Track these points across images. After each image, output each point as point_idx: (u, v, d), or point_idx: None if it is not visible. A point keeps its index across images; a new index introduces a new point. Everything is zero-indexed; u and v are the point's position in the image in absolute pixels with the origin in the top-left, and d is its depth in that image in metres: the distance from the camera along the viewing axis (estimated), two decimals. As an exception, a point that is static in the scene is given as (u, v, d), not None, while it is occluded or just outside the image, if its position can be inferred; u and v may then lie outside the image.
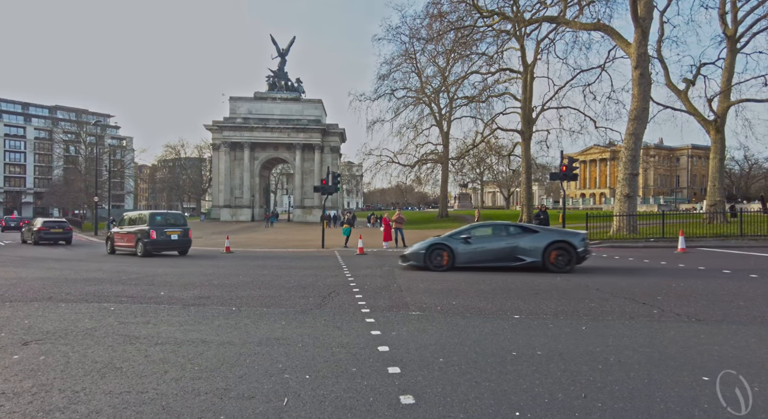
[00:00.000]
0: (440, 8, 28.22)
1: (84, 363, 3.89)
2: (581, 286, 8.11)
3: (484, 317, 5.70)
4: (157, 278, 9.90)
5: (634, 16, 19.84)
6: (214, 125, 49.72)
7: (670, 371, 3.60)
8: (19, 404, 3.03)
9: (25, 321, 5.64)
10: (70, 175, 68.50)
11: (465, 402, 3.01)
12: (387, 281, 8.97)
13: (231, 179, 49.49)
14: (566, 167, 18.62)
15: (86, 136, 62.59)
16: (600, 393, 3.16)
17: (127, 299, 7.13)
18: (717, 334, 4.76)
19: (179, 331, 5.05)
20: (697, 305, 6.25)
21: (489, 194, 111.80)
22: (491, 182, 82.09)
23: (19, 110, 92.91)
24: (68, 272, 11.28)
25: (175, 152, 79.39)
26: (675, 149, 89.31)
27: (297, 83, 52.43)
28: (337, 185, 20.89)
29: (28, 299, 7.20)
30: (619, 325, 5.20)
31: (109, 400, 3.08)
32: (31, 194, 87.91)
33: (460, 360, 3.92)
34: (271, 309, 6.29)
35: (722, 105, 27.14)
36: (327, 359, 3.98)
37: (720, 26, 27.31)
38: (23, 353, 4.23)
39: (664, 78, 28.39)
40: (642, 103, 20.14)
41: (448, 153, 43.61)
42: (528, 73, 34.18)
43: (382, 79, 40.81)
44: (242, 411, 2.89)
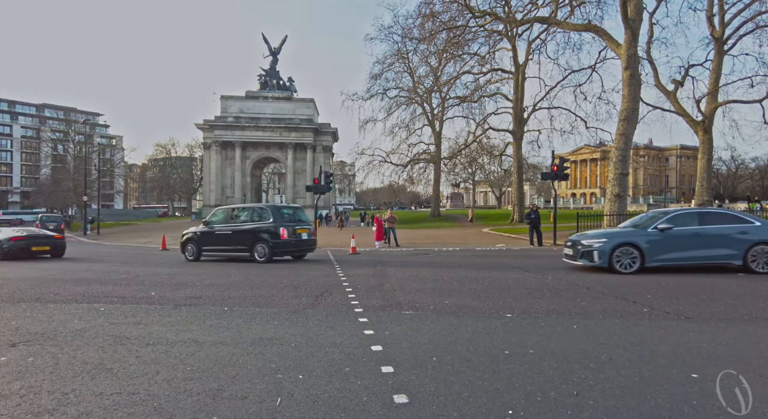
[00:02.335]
0: (432, 8, 28.28)
1: (74, 365, 3.84)
2: (572, 285, 8.18)
3: (477, 316, 5.73)
4: (148, 278, 9.80)
5: (624, 17, 20.03)
6: (205, 124, 49.33)
7: (660, 369, 3.65)
8: (6, 406, 2.98)
9: (13, 322, 5.56)
10: (58, 174, 67.57)
11: (458, 401, 3.02)
12: (380, 281, 8.97)
13: (222, 179, 49.17)
14: (557, 167, 18.76)
15: (75, 135, 61.76)
16: (592, 390, 3.19)
17: (117, 300, 7.05)
18: (705, 332, 4.83)
19: (171, 331, 5.01)
20: (686, 304, 6.33)
21: (481, 193, 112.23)
22: (483, 181, 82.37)
23: (5, 108, 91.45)
24: (56, 272, 11.13)
25: (165, 151, 78.64)
26: (664, 149, 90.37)
27: (289, 82, 52.23)
28: (329, 185, 20.85)
29: (16, 300, 7.08)
30: (610, 324, 5.25)
31: (99, 402, 3.05)
32: (18, 194, 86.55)
33: (453, 358, 3.93)
34: (264, 309, 6.26)
35: (710, 106, 27.52)
36: (320, 359, 3.97)
37: (708, 28, 27.68)
38: (11, 355, 4.17)
39: (654, 79, 28.72)
40: (632, 104, 20.35)
41: (441, 153, 43.71)
42: (519, 73, 34.38)
43: (374, 79, 40.81)
44: (235, 412, 2.87)
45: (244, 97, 49.85)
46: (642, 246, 9.55)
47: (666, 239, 9.61)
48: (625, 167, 20.58)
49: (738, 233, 9.50)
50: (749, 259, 9.32)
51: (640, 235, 9.81)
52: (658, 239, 9.62)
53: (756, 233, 9.43)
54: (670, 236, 9.62)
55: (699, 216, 10.08)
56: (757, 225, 9.59)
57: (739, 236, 9.47)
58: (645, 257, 9.52)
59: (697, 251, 9.53)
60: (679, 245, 9.57)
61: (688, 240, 9.58)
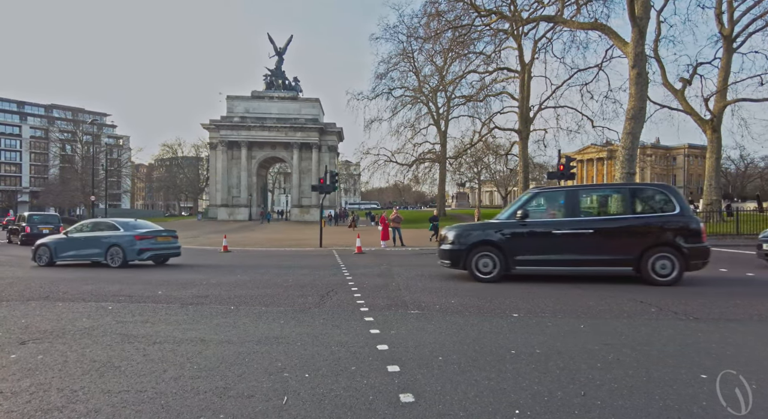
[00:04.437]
0: (438, 7, 28.20)
1: (82, 362, 3.88)
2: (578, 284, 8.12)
3: (483, 315, 5.71)
4: (155, 277, 9.87)
5: (631, 15, 19.89)
6: (211, 124, 49.58)
7: (669, 369, 3.62)
8: (17, 403, 3.01)
9: (22, 320, 5.61)
10: (66, 174, 68.22)
11: (465, 401, 3.01)
12: (386, 280, 8.97)
13: (228, 178, 49.38)
14: (563, 166, 18.67)
15: (83, 135, 62.37)
16: (599, 390, 3.17)
17: (124, 299, 7.10)
18: (715, 332, 4.78)
19: (178, 330, 5.04)
20: (695, 304, 6.27)
21: (486, 193, 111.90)
22: (489, 181, 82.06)
23: (15, 109, 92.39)
24: (64, 271, 11.23)
25: (172, 151, 79.06)
26: (672, 149, 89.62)
27: (294, 82, 52.33)
28: (334, 184, 20.86)
29: (25, 299, 7.16)
30: (617, 323, 5.22)
31: (107, 399, 3.07)
32: (27, 193, 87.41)
33: (459, 358, 3.92)
34: (270, 308, 6.27)
35: (718, 104, 27.26)
36: (326, 358, 3.97)
37: (716, 26, 27.42)
38: (21, 352, 4.21)
39: (661, 77, 28.50)
40: (639, 103, 20.20)
41: (446, 152, 43.55)
42: (525, 72, 34.20)
43: (379, 79, 40.70)
44: (242, 410, 2.88)
45: (249, 97, 50.03)
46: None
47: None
48: (632, 167, 20.44)
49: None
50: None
51: None
52: None
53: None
54: None
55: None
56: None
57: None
58: None
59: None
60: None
61: None
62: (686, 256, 7.88)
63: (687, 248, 7.89)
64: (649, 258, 7.91)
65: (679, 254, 7.87)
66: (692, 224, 8.08)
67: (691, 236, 7.98)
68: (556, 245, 8.33)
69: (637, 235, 8.12)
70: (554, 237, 8.33)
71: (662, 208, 8.30)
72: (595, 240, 8.14)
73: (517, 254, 8.44)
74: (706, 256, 8.07)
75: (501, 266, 8.47)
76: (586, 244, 8.17)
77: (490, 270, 8.51)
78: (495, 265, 8.51)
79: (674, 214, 8.11)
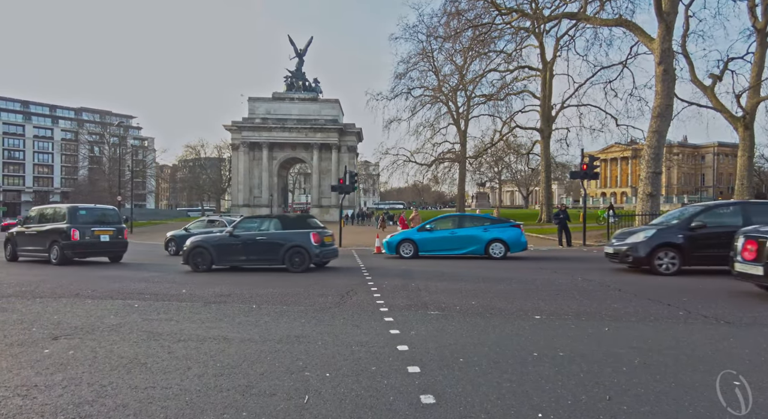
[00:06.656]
0: (458, 6, 28.03)
1: (110, 358, 3.99)
2: (603, 286, 7.96)
3: (504, 317, 5.64)
4: (178, 276, 10.08)
5: (658, 11, 19.35)
6: (233, 125, 50.42)
7: (699, 374, 3.50)
8: (50, 396, 3.12)
9: (55, 316, 5.82)
10: (94, 175, 70.45)
11: (486, 403, 2.98)
12: (405, 281, 8.96)
13: (250, 179, 50.13)
14: (587, 166, 18.30)
15: (110, 136, 64.34)
16: (625, 395, 3.09)
17: (150, 297, 7.28)
18: (748, 337, 4.61)
19: (201, 328, 5.14)
20: (726, 307, 6.06)
21: (507, 193, 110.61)
22: (509, 181, 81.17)
23: (47, 113, 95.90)
24: (93, 269, 11.58)
25: (195, 152, 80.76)
26: (700, 147, 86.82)
27: (314, 83, 52.73)
28: (354, 185, 20.96)
29: (57, 296, 7.42)
30: (643, 327, 5.08)
31: (135, 395, 3.15)
32: (58, 194, 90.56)
33: (480, 360, 3.89)
34: (291, 307, 6.34)
35: (751, 101, 26.25)
36: (347, 357, 3.99)
37: (749, 19, 26.37)
38: (53, 347, 4.36)
39: (689, 74, 27.59)
40: (665, 100, 19.65)
41: (466, 152, 43.19)
42: (547, 70, 33.67)
43: (399, 78, 40.64)
44: (264, 408, 2.92)
45: (270, 99, 50.67)
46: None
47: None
48: (658, 166, 19.91)
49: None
50: None
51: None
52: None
53: None
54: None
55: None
56: None
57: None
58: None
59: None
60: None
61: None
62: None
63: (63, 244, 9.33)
64: None
65: None
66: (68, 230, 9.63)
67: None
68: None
69: None
70: None
71: None
72: None
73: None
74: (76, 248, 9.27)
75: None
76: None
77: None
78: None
79: None
